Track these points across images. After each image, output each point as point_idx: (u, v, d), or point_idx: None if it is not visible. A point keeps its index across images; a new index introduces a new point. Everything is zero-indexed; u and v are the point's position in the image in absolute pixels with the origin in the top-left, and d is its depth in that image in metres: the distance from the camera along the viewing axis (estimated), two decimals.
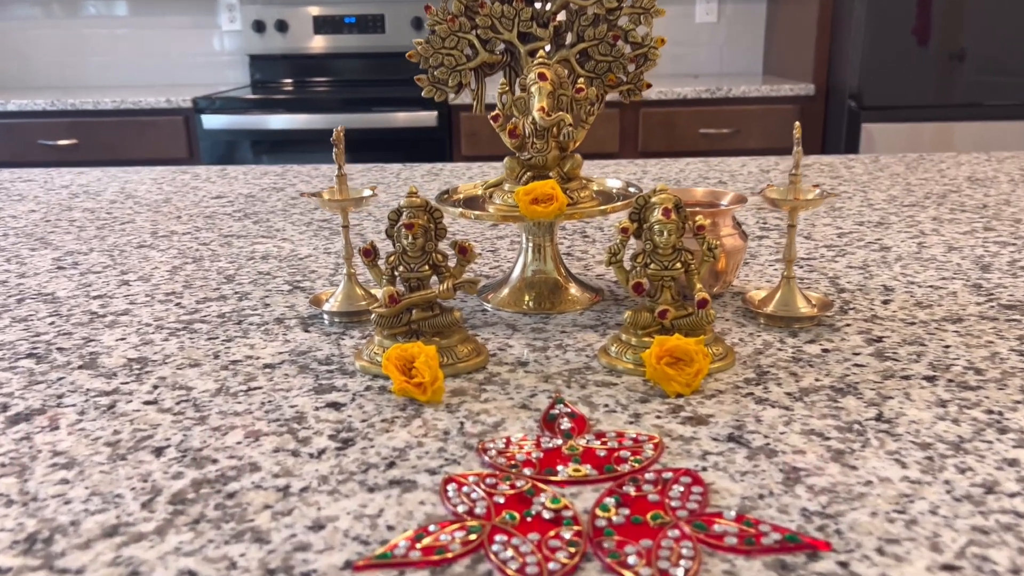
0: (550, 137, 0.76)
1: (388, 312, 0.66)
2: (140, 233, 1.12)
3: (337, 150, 0.76)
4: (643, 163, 1.57)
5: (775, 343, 0.71)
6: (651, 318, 0.66)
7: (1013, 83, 2.87)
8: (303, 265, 0.96)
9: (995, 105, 2.89)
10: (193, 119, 3.10)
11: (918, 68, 2.85)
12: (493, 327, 0.76)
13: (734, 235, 0.80)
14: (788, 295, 0.75)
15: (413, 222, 0.65)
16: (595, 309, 0.80)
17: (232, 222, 1.17)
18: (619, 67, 0.81)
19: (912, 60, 2.84)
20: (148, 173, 1.56)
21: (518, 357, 0.69)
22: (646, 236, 0.66)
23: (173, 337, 0.75)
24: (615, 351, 0.67)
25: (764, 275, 0.90)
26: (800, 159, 0.73)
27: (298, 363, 0.68)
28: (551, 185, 0.72)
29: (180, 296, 0.86)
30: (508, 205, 0.77)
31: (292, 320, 0.78)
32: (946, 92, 2.88)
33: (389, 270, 0.67)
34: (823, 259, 0.95)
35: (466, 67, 0.82)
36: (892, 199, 1.24)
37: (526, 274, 0.82)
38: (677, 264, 0.66)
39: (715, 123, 3.06)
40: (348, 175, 1.48)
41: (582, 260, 0.97)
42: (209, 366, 0.68)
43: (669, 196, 0.66)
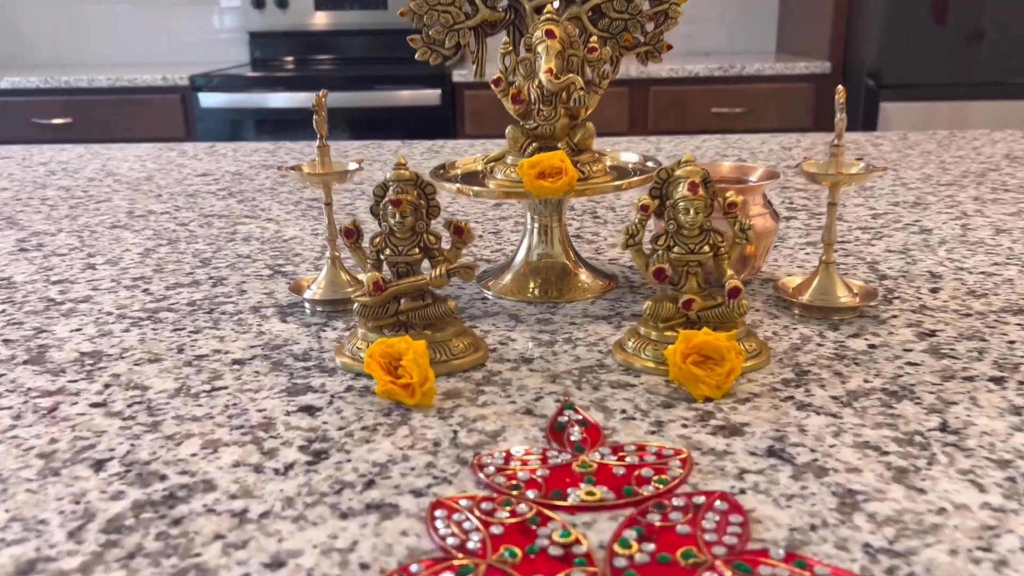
0: (559, 103, 0.67)
1: (372, 302, 0.57)
2: (115, 212, 1.04)
3: (318, 117, 0.68)
4: (656, 140, 1.48)
5: (814, 337, 0.62)
6: (674, 309, 0.58)
7: None
8: (287, 248, 0.88)
9: (1014, 84, 2.79)
10: (190, 97, 3.01)
11: (936, 46, 2.75)
12: (494, 318, 0.67)
13: (765, 215, 0.72)
14: (827, 282, 0.66)
15: (401, 198, 0.57)
16: (608, 297, 0.71)
17: (215, 201, 1.09)
18: (636, 26, 0.72)
19: (930, 38, 2.74)
20: (133, 150, 1.47)
21: (522, 352, 0.60)
22: (669, 215, 0.58)
23: (135, 328, 0.67)
24: (632, 346, 0.58)
25: (794, 260, 0.81)
26: (843, 128, 0.64)
27: (271, 359, 0.60)
28: (559, 157, 0.64)
29: (149, 281, 0.78)
30: (511, 180, 0.68)
31: (269, 309, 0.70)
32: (964, 71, 2.77)
33: (374, 253, 0.58)
34: (858, 242, 0.86)
35: (464, 26, 0.73)
36: (927, 178, 1.15)
37: (531, 258, 0.73)
38: (705, 247, 0.57)
39: (727, 102, 2.96)
40: (344, 152, 1.40)
41: (593, 243, 0.88)
42: (171, 361, 0.60)
43: (696, 168, 0.57)
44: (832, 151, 0.65)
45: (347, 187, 1.15)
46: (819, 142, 1.43)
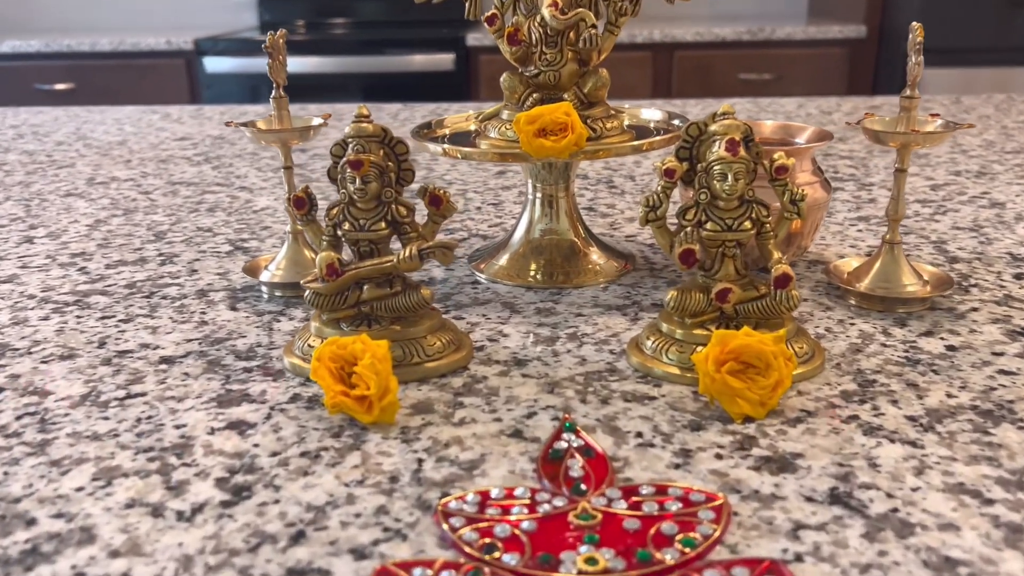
0: (565, 45, 0.55)
1: (326, 289, 0.46)
2: (75, 179, 0.93)
3: (273, 61, 0.56)
4: (681, 103, 1.35)
5: (877, 335, 0.50)
6: (705, 300, 0.46)
7: None
8: (255, 220, 0.77)
9: None
10: (195, 62, 2.90)
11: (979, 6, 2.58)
12: (484, 307, 0.56)
13: (815, 184, 0.59)
14: (891, 267, 0.54)
15: (362, 158, 0.45)
16: (624, 282, 0.60)
17: (187, 167, 0.98)
18: None
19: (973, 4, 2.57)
20: (113, 113, 1.36)
21: (514, 352, 0.49)
22: (701, 181, 0.46)
23: (56, 315, 0.56)
24: (652, 347, 0.46)
25: (845, 238, 0.69)
26: (918, 76, 0.51)
27: (207, 356, 0.49)
28: (564, 110, 0.52)
29: (89, 258, 0.67)
30: (507, 140, 0.56)
31: (219, 293, 0.59)
32: (1006, 34, 2.61)
33: (330, 228, 0.47)
34: (919, 218, 0.73)
35: None
36: (989, 144, 1.01)
37: (532, 235, 0.61)
38: (745, 223, 0.45)
39: (756, 68, 2.80)
40: (339, 115, 1.28)
41: (608, 216, 0.76)
42: (86, 358, 0.49)
43: (736, 123, 0.45)
44: (903, 104, 0.52)
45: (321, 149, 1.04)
46: (862, 106, 1.29)
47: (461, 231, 0.73)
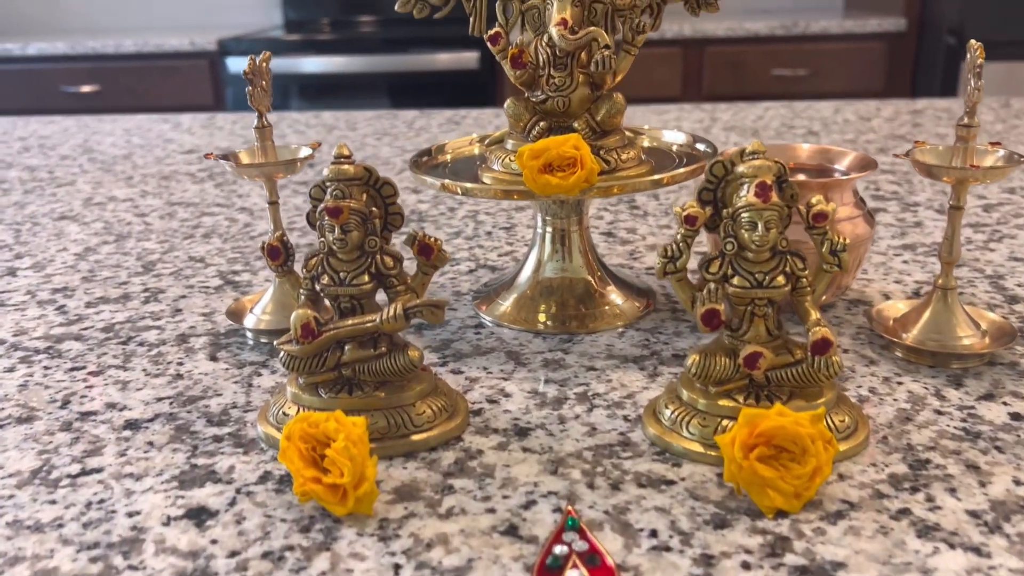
0: (575, 67, 0.50)
1: (302, 351, 0.41)
2: (71, 200, 0.89)
3: (255, 88, 0.51)
4: (711, 108, 1.28)
5: (929, 398, 0.44)
6: (732, 366, 0.40)
7: None
8: (251, 248, 0.72)
9: None
10: (218, 62, 2.87)
11: None
12: (486, 357, 0.50)
13: (857, 218, 0.53)
14: (943, 316, 0.48)
15: (341, 205, 0.40)
16: (642, 326, 0.54)
17: (190, 184, 0.94)
18: None
19: None
20: (124, 123, 1.33)
21: (516, 418, 0.44)
22: (727, 229, 0.40)
23: (23, 365, 0.51)
24: (671, 417, 0.41)
25: (889, 271, 0.62)
26: (978, 101, 0.45)
27: (177, 421, 0.44)
28: (573, 143, 0.46)
29: (71, 294, 0.63)
30: (512, 172, 0.51)
31: (201, 338, 0.54)
32: None
33: (308, 282, 0.42)
34: (972, 246, 0.67)
35: None
36: None
37: (542, 275, 0.56)
38: (779, 277, 0.39)
39: (790, 63, 2.71)
40: (353, 124, 1.24)
41: (628, 243, 0.71)
42: (45, 422, 0.45)
43: (767, 163, 0.39)
44: (959, 133, 0.46)
45: None
46: (903, 111, 1.22)
47: (468, 261, 0.68)
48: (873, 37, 2.70)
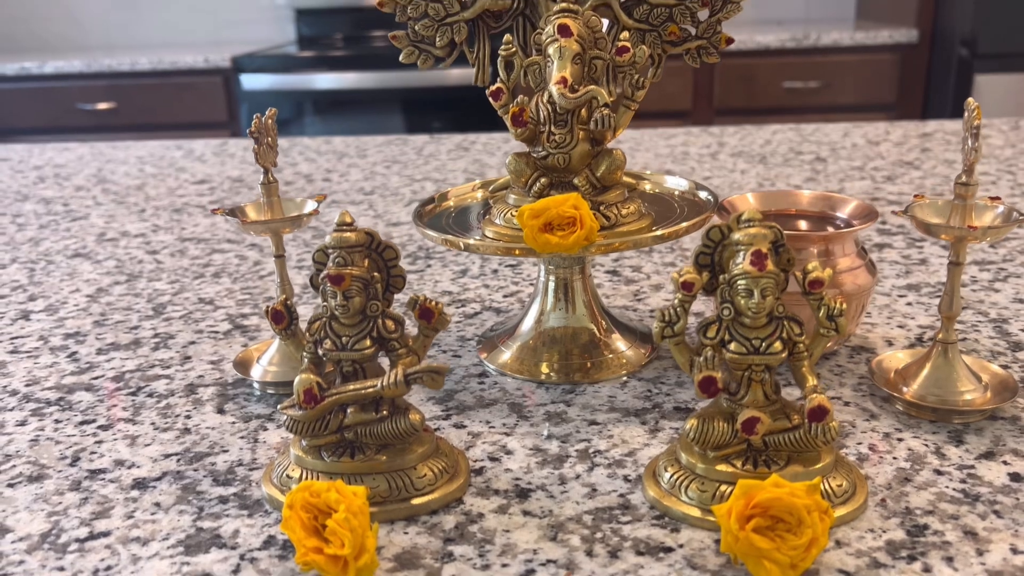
0: (575, 124, 0.50)
1: (305, 417, 0.41)
2: (85, 235, 0.90)
3: (260, 146, 0.52)
4: (719, 132, 1.29)
5: (928, 456, 0.44)
6: (730, 431, 0.40)
7: None
8: (260, 288, 0.73)
9: None
10: (233, 79, 2.90)
11: None
12: (489, 410, 0.51)
13: (859, 268, 0.53)
14: (944, 371, 0.48)
15: (343, 272, 0.41)
16: (645, 375, 0.54)
17: (201, 218, 0.95)
18: (685, 15, 0.54)
19: None
20: (137, 150, 1.35)
21: (517, 478, 0.44)
22: (724, 295, 0.40)
23: (35, 418, 0.52)
24: (670, 480, 0.41)
25: (893, 314, 0.62)
26: (977, 160, 0.45)
27: (184, 480, 0.45)
28: (572, 203, 0.46)
29: (83, 340, 0.64)
30: (513, 228, 0.51)
31: (209, 388, 0.55)
32: None
33: (311, 346, 0.43)
34: (977, 285, 0.67)
35: (459, 18, 0.56)
36: None
37: (545, 325, 0.56)
38: (775, 344, 0.40)
39: (801, 76, 2.70)
40: (362, 150, 1.25)
41: (633, 283, 0.71)
42: (55, 481, 0.45)
43: (762, 231, 0.40)
44: (957, 191, 0.46)
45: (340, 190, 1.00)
46: (912, 134, 1.21)
47: (474, 302, 0.68)
48: (885, 49, 2.69)
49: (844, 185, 0.97)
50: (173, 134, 2.94)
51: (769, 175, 1.02)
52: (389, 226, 0.90)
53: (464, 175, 1.10)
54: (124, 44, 3.55)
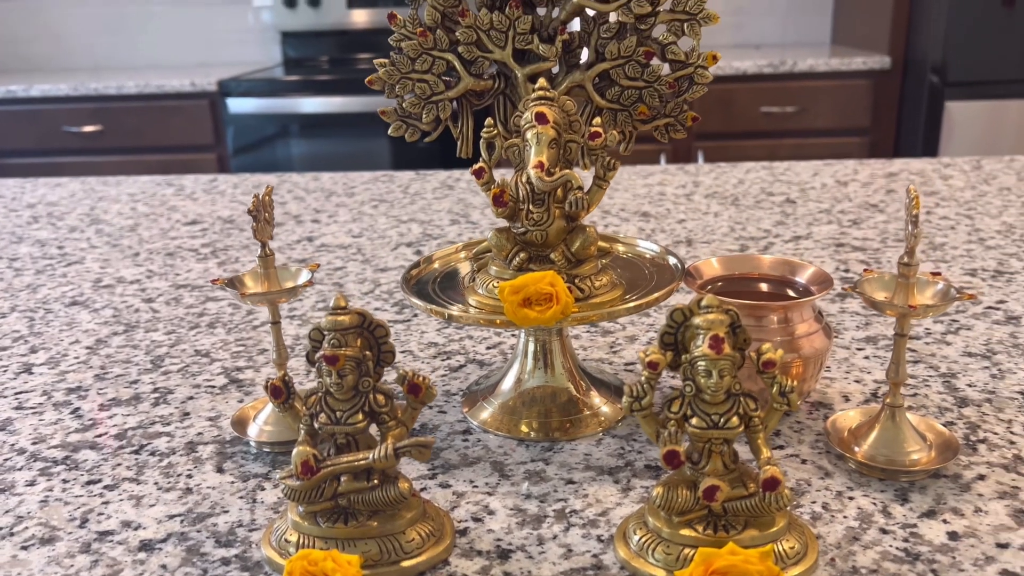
0: (552, 203, 0.54)
1: (302, 487, 0.45)
2: (81, 281, 0.93)
3: (258, 223, 0.55)
4: (695, 171, 1.33)
5: (876, 515, 0.48)
6: (693, 498, 0.44)
7: None
8: (254, 340, 0.76)
9: None
10: (219, 103, 2.93)
11: (1005, 33, 2.52)
12: (473, 468, 0.55)
13: (816, 333, 0.58)
14: (892, 433, 0.52)
15: (338, 354, 0.44)
16: (619, 432, 0.58)
17: (194, 263, 0.98)
18: (653, 95, 0.59)
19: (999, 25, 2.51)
20: (128, 187, 1.38)
21: (499, 539, 0.48)
22: (686, 373, 0.44)
23: (43, 478, 0.56)
24: (639, 542, 0.45)
25: (851, 368, 0.67)
26: (917, 243, 0.49)
27: (188, 542, 0.48)
28: (549, 280, 0.50)
29: (84, 395, 0.67)
30: (495, 299, 0.55)
31: (208, 446, 0.59)
32: None
33: (307, 419, 0.46)
34: (931, 337, 0.71)
35: (444, 97, 0.60)
36: (1008, 230, 0.98)
37: (525, 386, 0.60)
38: (733, 419, 0.44)
39: (778, 100, 2.77)
40: (350, 188, 1.28)
41: (609, 334, 0.75)
42: (66, 543, 0.49)
43: (720, 316, 0.43)
44: (900, 271, 0.50)
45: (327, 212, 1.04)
46: (879, 173, 1.26)
47: (459, 354, 0.72)
48: (859, 75, 2.77)
49: (812, 229, 1.01)
50: (160, 157, 2.97)
51: (741, 218, 1.07)
52: (377, 272, 0.93)
53: (449, 216, 1.14)
54: (110, 66, 3.58)
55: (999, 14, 2.51)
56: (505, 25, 0.57)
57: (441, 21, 0.59)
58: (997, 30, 2.52)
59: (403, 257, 0.98)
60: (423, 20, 0.59)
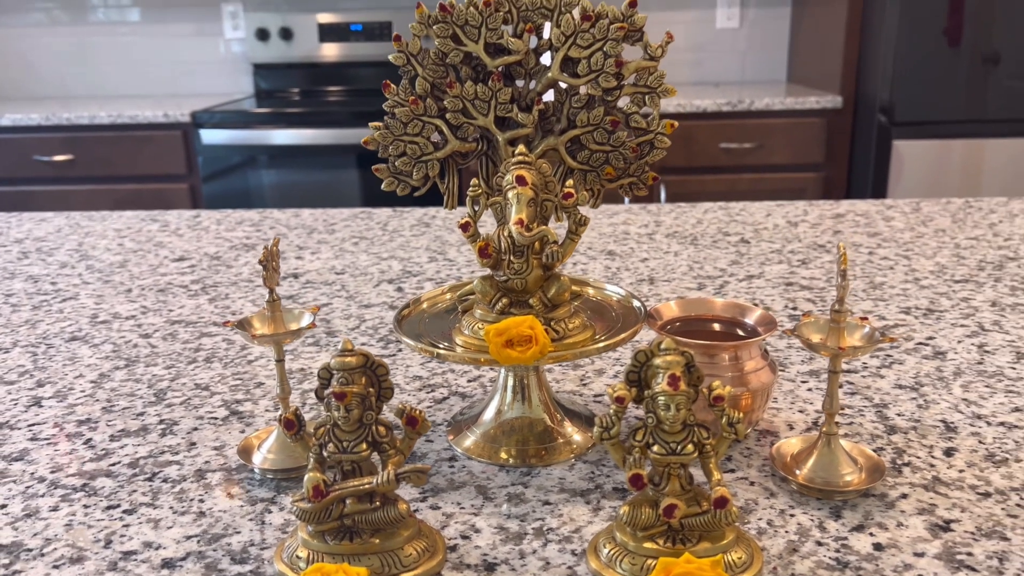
0: (530, 255, 0.61)
1: (313, 509, 0.51)
2: (78, 317, 0.98)
3: (267, 271, 0.62)
4: (656, 211, 1.42)
5: (813, 530, 0.55)
6: (654, 515, 0.51)
7: None
8: (250, 374, 0.82)
9: None
10: (192, 134, 2.97)
11: (951, 74, 2.67)
12: (459, 492, 0.61)
13: (763, 368, 0.65)
14: (828, 458, 0.60)
15: (346, 391, 0.51)
16: (589, 458, 0.65)
17: (186, 299, 1.03)
18: (619, 157, 0.66)
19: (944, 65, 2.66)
20: (113, 222, 1.42)
21: (485, 554, 0.54)
22: (648, 406, 0.51)
23: (65, 503, 0.61)
24: (608, 555, 0.52)
25: (795, 400, 0.74)
26: (846, 293, 0.57)
27: (205, 559, 0.54)
28: (529, 323, 0.57)
29: (95, 426, 0.72)
30: (480, 340, 0.62)
31: (215, 473, 0.64)
32: (979, 105, 2.70)
33: (317, 448, 0.52)
34: (867, 371, 0.79)
35: (432, 157, 0.67)
36: (941, 270, 1.07)
37: (504, 417, 0.67)
38: (688, 446, 0.51)
39: (736, 137, 2.89)
40: (330, 225, 1.34)
41: (579, 368, 0.82)
42: (94, 563, 0.54)
43: (676, 359, 0.51)
44: (832, 316, 0.58)
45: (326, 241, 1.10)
46: (827, 214, 1.36)
47: (442, 387, 0.78)
48: (813, 113, 2.90)
49: (764, 268, 1.10)
50: (131, 186, 3.01)
51: (699, 257, 1.15)
52: (362, 308, 0.99)
53: (427, 252, 1.21)
54: (80, 95, 3.60)
55: (944, 55, 2.66)
56: (488, 96, 0.65)
57: (431, 91, 0.66)
58: (943, 71, 2.66)
59: (385, 294, 1.04)
60: (415, 90, 0.66)
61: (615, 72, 0.64)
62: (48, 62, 3.56)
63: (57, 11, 3.52)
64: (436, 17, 0.64)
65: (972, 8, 2.62)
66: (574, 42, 0.64)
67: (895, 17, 2.66)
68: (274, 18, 3.39)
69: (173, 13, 3.51)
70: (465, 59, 0.65)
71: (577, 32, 0.63)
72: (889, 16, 2.68)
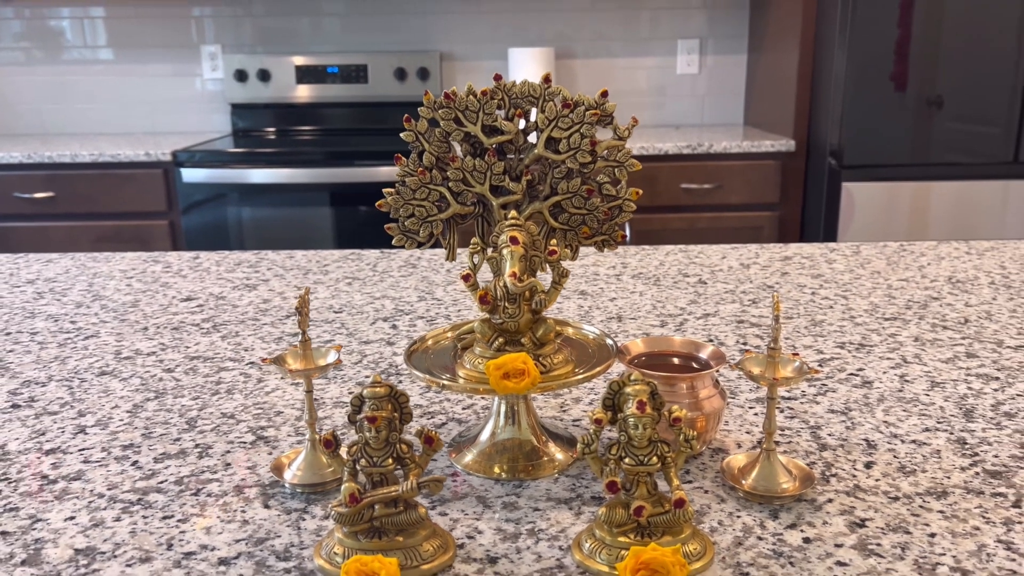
0: (522, 301, 0.74)
1: (349, 513, 0.62)
2: (103, 353, 1.08)
3: (300, 316, 0.73)
4: (623, 252, 1.55)
5: (755, 528, 0.68)
6: (626, 515, 0.63)
7: (989, 133, 2.88)
8: (269, 404, 0.93)
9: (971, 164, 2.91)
10: (172, 172, 3.07)
11: (897, 119, 2.86)
12: (462, 502, 0.73)
13: (715, 396, 0.78)
14: (768, 469, 0.72)
15: (376, 415, 0.62)
16: (571, 473, 0.77)
17: (199, 336, 1.14)
18: (593, 219, 0.79)
19: (892, 110, 2.85)
20: (118, 263, 1.52)
21: (488, 550, 0.66)
22: (621, 426, 0.64)
23: (126, 515, 0.71)
24: (589, 548, 0.64)
25: (744, 423, 0.87)
26: (780, 333, 0.70)
27: (255, 557, 0.65)
28: (523, 359, 0.70)
29: (139, 450, 0.82)
30: (479, 372, 0.74)
31: (252, 488, 0.75)
32: (924, 147, 2.89)
33: (351, 463, 0.64)
34: (805, 399, 0.92)
35: (436, 218, 0.79)
36: (874, 309, 1.22)
37: (498, 438, 0.79)
38: (653, 458, 0.63)
39: (697, 178, 3.06)
40: (323, 265, 1.46)
41: (559, 396, 0.94)
42: (161, 562, 0.65)
43: (643, 387, 0.63)
44: (769, 353, 0.71)
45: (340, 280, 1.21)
46: (776, 256, 1.50)
47: (440, 414, 0.90)
48: (768, 156, 3.08)
49: (719, 308, 1.23)
50: (112, 223, 3.08)
51: (661, 297, 1.28)
52: (362, 344, 1.11)
53: (416, 292, 1.33)
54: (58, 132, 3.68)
55: (892, 100, 2.85)
56: (484, 168, 0.77)
57: (436, 163, 0.78)
58: (890, 115, 2.85)
59: (381, 331, 1.15)
60: (423, 162, 0.78)
61: (590, 149, 0.77)
62: (27, 100, 3.64)
63: (34, 50, 3.60)
64: (441, 103, 0.77)
65: (917, 54, 2.82)
66: (556, 125, 0.77)
67: (843, 64, 2.85)
68: (252, 60, 3.51)
69: (152, 54, 3.62)
70: (465, 138, 0.78)
71: (559, 116, 0.76)
72: (838, 63, 2.87)
